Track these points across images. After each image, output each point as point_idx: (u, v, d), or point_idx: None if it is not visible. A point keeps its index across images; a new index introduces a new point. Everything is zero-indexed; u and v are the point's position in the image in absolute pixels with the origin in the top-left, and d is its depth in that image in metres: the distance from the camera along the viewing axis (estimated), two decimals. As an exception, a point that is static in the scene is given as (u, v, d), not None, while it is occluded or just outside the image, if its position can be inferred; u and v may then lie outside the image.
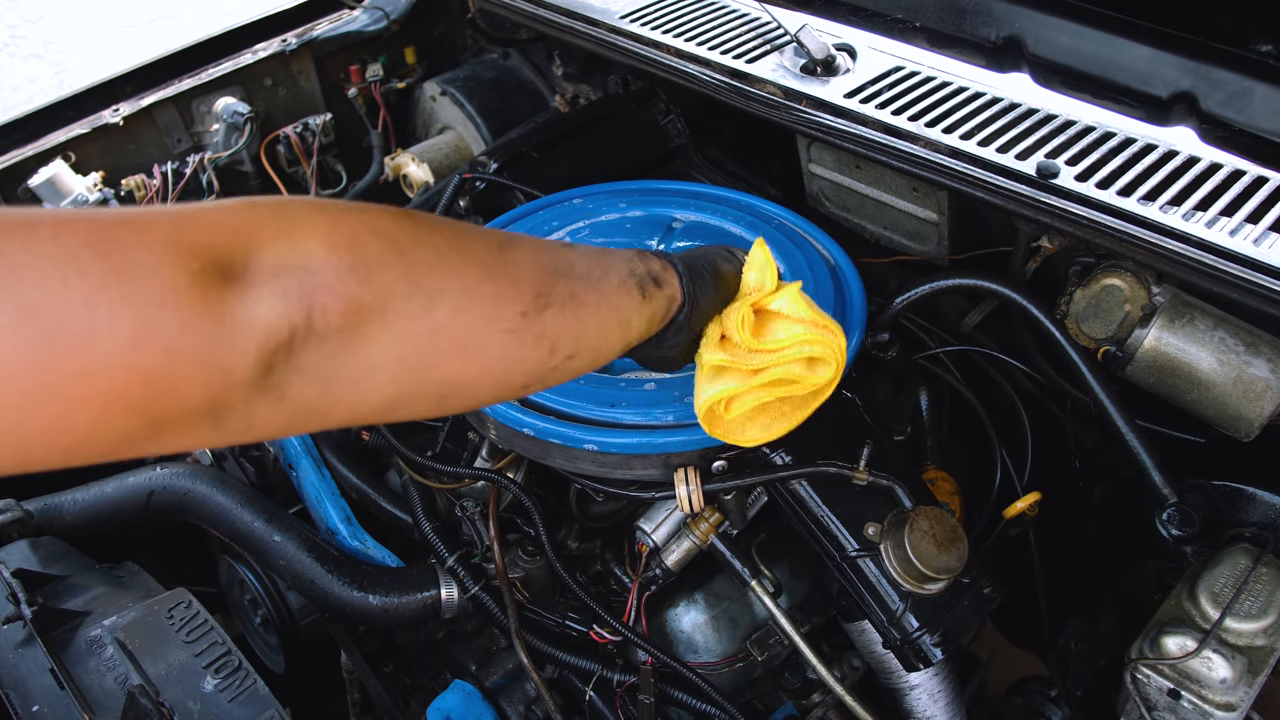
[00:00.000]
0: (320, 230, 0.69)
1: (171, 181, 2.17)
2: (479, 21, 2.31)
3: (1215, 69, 1.33)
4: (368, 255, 0.70)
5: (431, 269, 0.75)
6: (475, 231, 0.83)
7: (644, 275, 0.96)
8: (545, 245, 0.89)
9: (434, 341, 0.76)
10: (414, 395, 0.78)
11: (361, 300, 0.69)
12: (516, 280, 0.82)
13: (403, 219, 0.76)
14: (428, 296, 0.74)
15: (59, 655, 1.25)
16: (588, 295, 0.89)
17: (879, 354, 1.45)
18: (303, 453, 1.62)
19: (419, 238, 0.76)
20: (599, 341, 0.91)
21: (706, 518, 1.28)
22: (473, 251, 0.80)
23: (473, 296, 0.78)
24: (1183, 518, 1.30)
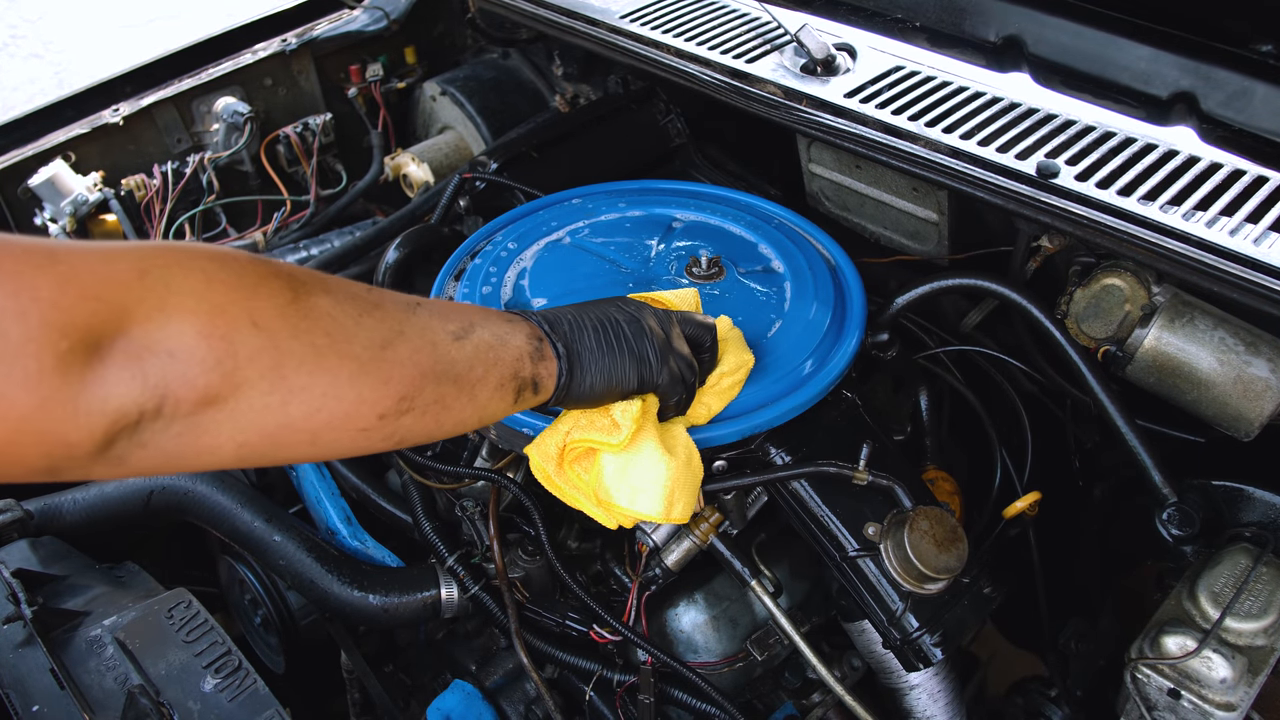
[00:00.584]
0: (200, 313, 0.69)
1: (171, 181, 2.17)
2: (479, 21, 2.31)
3: (1215, 69, 1.33)
4: (239, 349, 0.71)
5: (301, 365, 0.76)
6: (367, 322, 0.82)
7: (526, 381, 0.97)
8: (436, 341, 0.89)
9: (282, 434, 0.77)
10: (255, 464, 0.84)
11: (218, 394, 0.71)
12: (387, 383, 0.83)
13: (290, 309, 0.76)
14: (287, 393, 0.75)
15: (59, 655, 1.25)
16: (457, 401, 0.90)
17: (879, 354, 1.45)
18: (303, 453, 1.62)
19: (300, 330, 0.76)
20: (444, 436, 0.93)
21: (706, 518, 1.28)
22: (352, 349, 0.80)
23: (336, 398, 0.79)
24: (1183, 518, 1.30)
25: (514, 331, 0.97)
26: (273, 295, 0.75)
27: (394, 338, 0.84)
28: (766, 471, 1.23)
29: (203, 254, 0.73)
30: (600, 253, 1.49)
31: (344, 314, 0.80)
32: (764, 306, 1.38)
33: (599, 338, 1.03)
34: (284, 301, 0.75)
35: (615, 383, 1.03)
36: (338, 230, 2.20)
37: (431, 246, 1.70)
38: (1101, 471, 1.55)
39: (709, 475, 1.24)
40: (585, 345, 1.02)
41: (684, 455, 1.09)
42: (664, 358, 1.05)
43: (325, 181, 2.39)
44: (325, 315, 0.78)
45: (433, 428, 0.89)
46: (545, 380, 0.99)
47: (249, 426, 0.74)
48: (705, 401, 1.15)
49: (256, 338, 0.72)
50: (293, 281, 0.77)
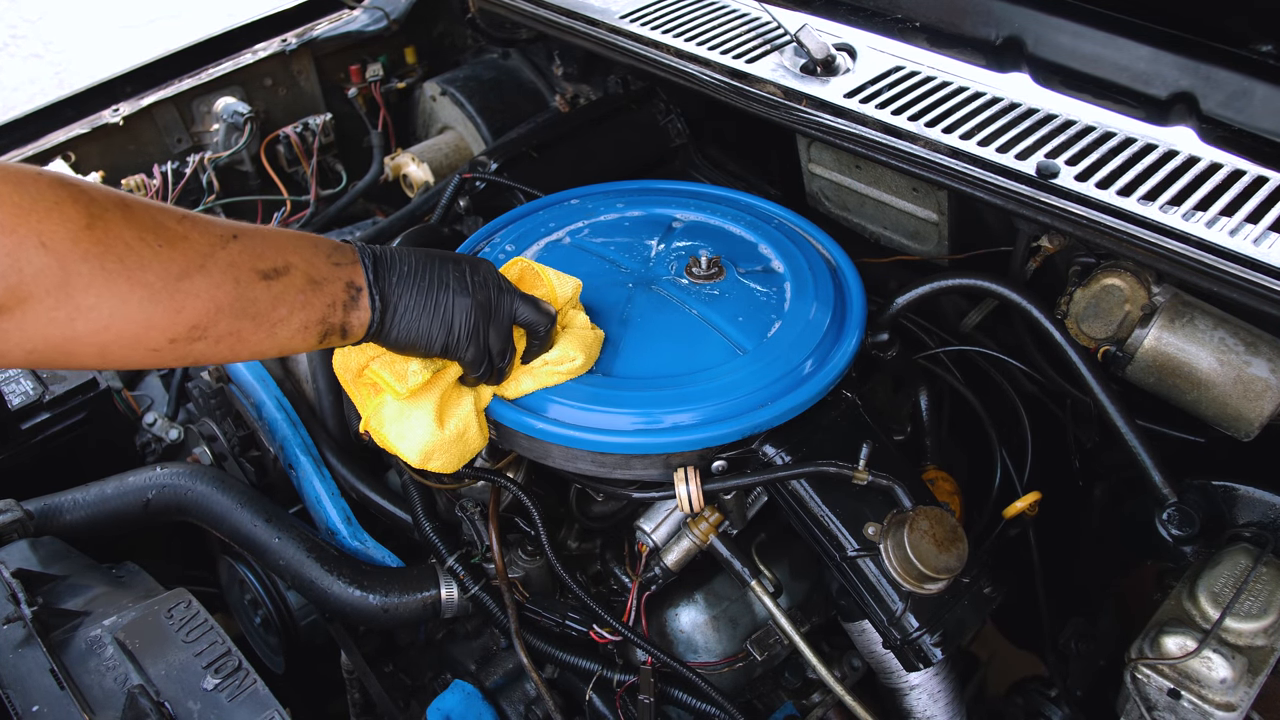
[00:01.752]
0: (4, 210, 0.75)
1: (171, 181, 2.17)
2: (479, 21, 2.31)
3: (1215, 69, 1.33)
4: (24, 266, 0.76)
5: (88, 287, 0.80)
6: (166, 253, 0.86)
7: (334, 326, 1.00)
8: (240, 278, 0.91)
9: (69, 345, 0.83)
10: (46, 368, 0.92)
11: (3, 304, 0.76)
12: (179, 312, 0.87)
13: (84, 234, 0.80)
14: (74, 311, 0.80)
15: (59, 655, 1.25)
16: (254, 335, 0.93)
17: (879, 354, 1.45)
18: (303, 452, 1.62)
19: (90, 255, 0.80)
20: (243, 359, 0.99)
21: (706, 517, 1.28)
22: (145, 276, 0.84)
23: (124, 319, 0.83)
24: (1183, 518, 1.30)
25: (334, 277, 0.99)
26: (65, 219, 0.79)
27: (193, 270, 0.87)
28: (766, 471, 1.23)
29: (12, 166, 0.79)
30: (600, 253, 1.49)
31: (142, 243, 0.84)
32: (764, 306, 1.38)
33: (422, 298, 1.05)
34: (77, 226, 0.79)
35: (419, 344, 1.07)
36: (338, 230, 2.20)
37: (431, 246, 1.70)
38: (1101, 471, 1.55)
39: (709, 475, 1.24)
40: (405, 303, 1.04)
41: (458, 427, 1.17)
42: (475, 335, 1.09)
43: (325, 181, 2.39)
44: (120, 242, 0.82)
45: (227, 354, 0.93)
46: (355, 328, 1.02)
47: (35, 336, 0.79)
48: (518, 379, 1.22)
49: (43, 257, 0.77)
50: (91, 206, 0.81)
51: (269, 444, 1.67)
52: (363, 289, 1.01)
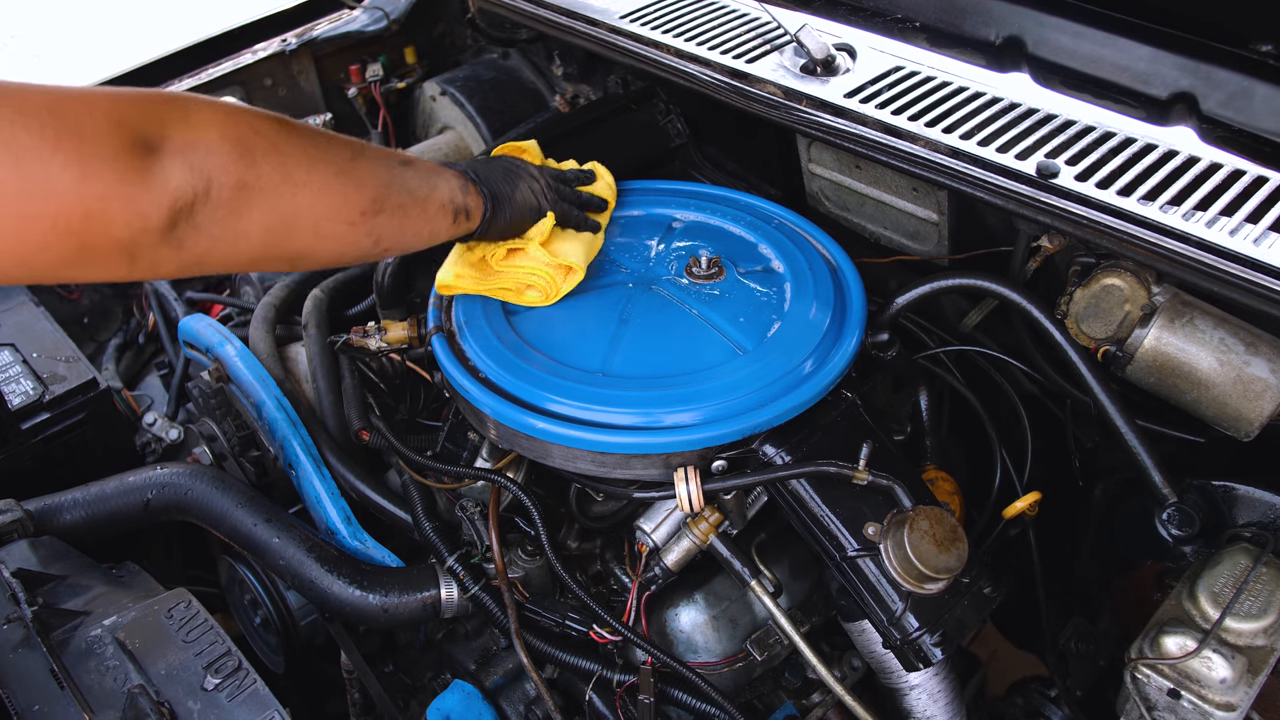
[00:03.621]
0: (216, 123, 0.91)
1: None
2: (479, 21, 2.31)
3: (1215, 69, 1.33)
4: (252, 147, 0.94)
5: (299, 164, 0.99)
6: (335, 140, 1.08)
7: (460, 207, 1.24)
8: (389, 161, 1.15)
9: (295, 220, 1.00)
10: (273, 258, 1.04)
11: (246, 180, 0.92)
12: (361, 185, 1.07)
13: (280, 124, 1.00)
14: (294, 186, 0.98)
15: (59, 655, 1.25)
16: (413, 209, 1.16)
17: (879, 354, 1.45)
18: (303, 452, 1.62)
19: (291, 139, 1.00)
20: (411, 244, 1.21)
21: (706, 517, 1.28)
22: (330, 156, 1.04)
23: (328, 191, 1.03)
24: (1183, 518, 1.30)
25: (444, 173, 1.24)
26: (264, 118, 0.99)
27: (357, 154, 1.09)
28: (766, 471, 1.23)
29: (202, 98, 0.96)
30: (600, 252, 1.49)
31: (317, 135, 1.05)
32: (764, 306, 1.38)
33: (508, 184, 1.33)
34: (273, 121, 0.99)
35: (527, 214, 1.36)
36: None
37: (431, 246, 1.70)
38: (1101, 471, 1.55)
39: (709, 475, 1.24)
40: (500, 188, 1.32)
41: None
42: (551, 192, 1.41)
43: (325, 181, 2.39)
44: (305, 132, 1.03)
45: (398, 231, 1.15)
46: (474, 210, 1.27)
47: (271, 210, 0.96)
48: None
49: (262, 141, 0.95)
50: (274, 116, 1.01)
51: (269, 444, 1.67)
52: (470, 181, 1.27)
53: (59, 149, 0.78)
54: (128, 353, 2.25)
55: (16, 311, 1.85)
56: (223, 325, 1.74)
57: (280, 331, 1.78)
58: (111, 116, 0.82)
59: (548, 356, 1.32)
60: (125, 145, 0.81)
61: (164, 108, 0.88)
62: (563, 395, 1.24)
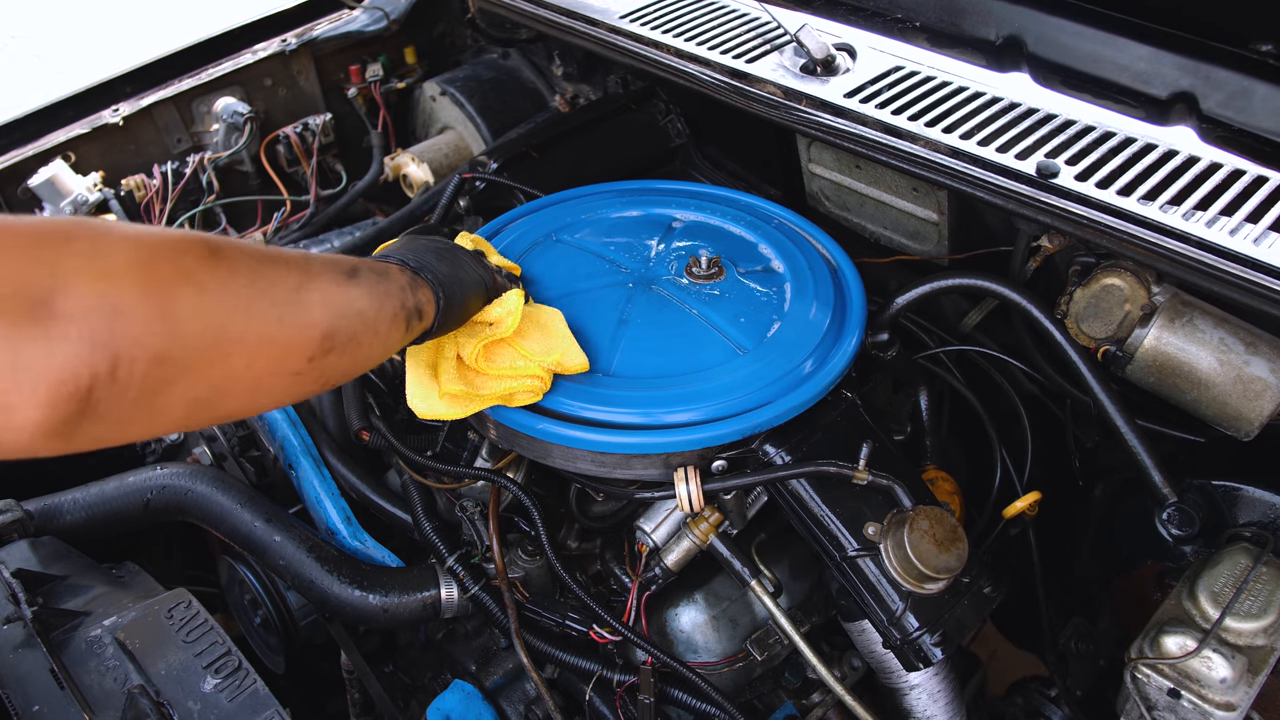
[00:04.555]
0: (136, 268, 0.69)
1: (171, 181, 2.17)
2: (479, 21, 2.31)
3: (1215, 69, 1.33)
4: (178, 305, 0.72)
5: (233, 315, 0.79)
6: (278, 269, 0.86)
7: (412, 310, 1.06)
8: (336, 281, 0.94)
9: (227, 385, 0.80)
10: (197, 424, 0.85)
11: (168, 353, 0.71)
12: (308, 325, 0.88)
13: (211, 262, 0.78)
14: (229, 345, 0.78)
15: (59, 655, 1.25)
16: (365, 337, 0.97)
17: (879, 354, 1.45)
18: (303, 452, 1.62)
19: (225, 280, 0.79)
20: (362, 371, 1.02)
21: (706, 517, 1.28)
22: (273, 294, 0.84)
23: (270, 343, 0.83)
24: (1183, 518, 1.30)
25: (388, 269, 1.05)
26: (194, 251, 0.77)
27: (305, 281, 0.89)
28: (766, 471, 1.23)
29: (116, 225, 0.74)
30: (600, 253, 1.49)
31: (256, 263, 0.84)
32: (764, 306, 1.38)
33: (447, 263, 1.15)
34: (205, 255, 0.78)
35: (474, 291, 1.18)
36: (338, 230, 2.20)
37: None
38: (1101, 471, 1.55)
39: (709, 475, 1.24)
40: (442, 271, 1.12)
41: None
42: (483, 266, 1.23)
43: (325, 181, 2.39)
44: (243, 265, 0.82)
45: (350, 365, 0.96)
46: (426, 307, 1.08)
47: (198, 382, 0.76)
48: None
49: (191, 293, 0.74)
50: (204, 239, 0.80)
51: (269, 444, 1.67)
52: (415, 272, 1.08)
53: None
54: (128, 353, 2.25)
55: (16, 311, 1.85)
56: (223, 325, 1.73)
57: (280, 331, 1.78)
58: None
59: (548, 356, 1.32)
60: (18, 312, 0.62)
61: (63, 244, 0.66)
62: (563, 395, 1.24)
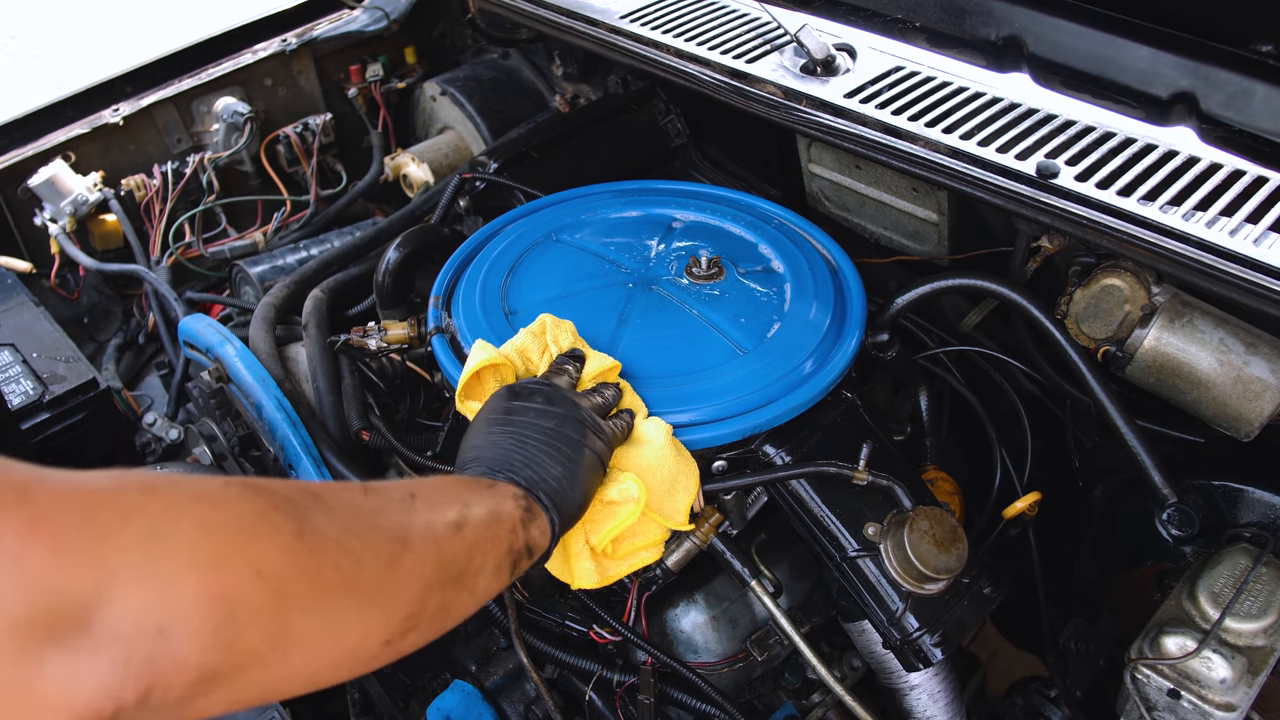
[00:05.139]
0: (200, 565, 0.57)
1: (171, 181, 2.17)
2: (479, 21, 2.31)
3: (1215, 69, 1.33)
4: (240, 611, 0.59)
5: (306, 612, 0.65)
6: (373, 538, 0.73)
7: (521, 551, 0.90)
8: (439, 540, 0.80)
9: (278, 687, 0.66)
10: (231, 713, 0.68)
11: (216, 669, 0.58)
12: (393, 607, 0.74)
13: (296, 545, 0.65)
14: (290, 647, 0.64)
15: (59, 655, 1.25)
16: (458, 600, 0.82)
17: (879, 354, 1.45)
18: (303, 452, 1.62)
19: (308, 570, 0.65)
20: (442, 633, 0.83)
21: (706, 518, 1.28)
22: (360, 577, 0.70)
23: (341, 638, 0.69)
24: (1183, 518, 1.30)
25: (502, 498, 0.90)
26: (276, 534, 0.64)
27: (400, 551, 0.74)
28: (766, 471, 1.23)
29: (191, 495, 0.61)
30: (600, 253, 1.49)
31: (349, 536, 0.70)
32: (764, 306, 1.38)
33: (563, 460, 0.99)
34: (288, 538, 0.65)
35: (593, 480, 1.03)
36: (338, 230, 2.20)
37: (431, 247, 1.70)
38: (1101, 471, 1.55)
39: (709, 475, 1.24)
40: (555, 480, 0.97)
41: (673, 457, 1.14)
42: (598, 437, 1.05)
43: (325, 181, 2.39)
44: (333, 544, 0.68)
45: (432, 636, 0.80)
46: (539, 539, 0.93)
47: (244, 692, 0.62)
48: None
49: (260, 592, 0.61)
50: (292, 509, 0.66)
51: (269, 444, 1.67)
52: (527, 494, 0.94)
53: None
54: (128, 353, 2.25)
55: (16, 311, 1.85)
56: (223, 325, 1.73)
57: (280, 331, 1.78)
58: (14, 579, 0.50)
59: (548, 356, 1.32)
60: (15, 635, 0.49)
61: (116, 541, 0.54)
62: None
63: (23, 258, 2.14)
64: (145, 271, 2.10)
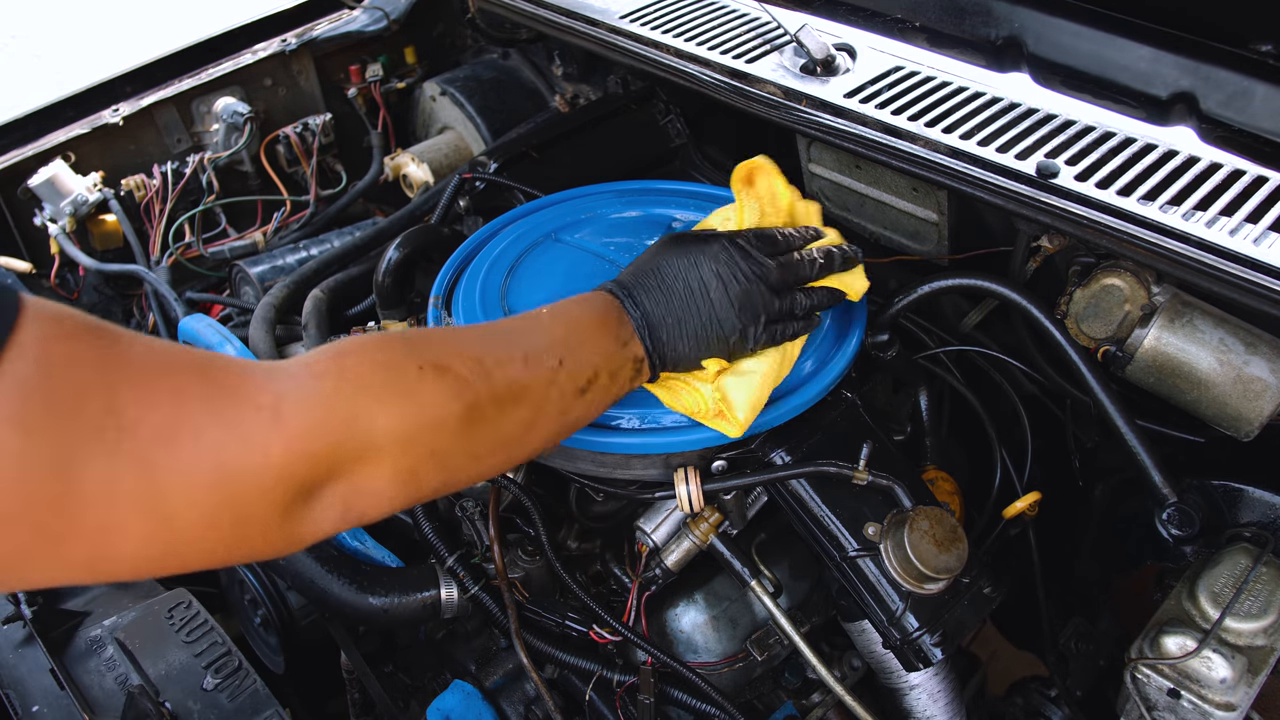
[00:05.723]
0: (393, 454, 0.79)
1: (171, 181, 2.17)
2: (479, 21, 2.31)
3: (1215, 69, 1.33)
4: (420, 480, 0.83)
5: (462, 469, 0.89)
6: (519, 413, 0.91)
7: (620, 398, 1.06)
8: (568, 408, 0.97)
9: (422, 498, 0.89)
10: None
11: (397, 504, 0.83)
12: (524, 456, 0.97)
13: (462, 430, 0.85)
14: (452, 488, 0.91)
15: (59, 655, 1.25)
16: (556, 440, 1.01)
17: (879, 354, 1.45)
18: (303, 453, 1.62)
19: (468, 447, 0.87)
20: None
21: (706, 518, 1.28)
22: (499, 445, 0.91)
23: (485, 476, 0.94)
24: (1183, 518, 1.30)
25: (623, 361, 1.03)
26: (448, 421, 0.84)
27: (535, 420, 0.94)
28: (766, 471, 1.23)
29: (395, 386, 0.81)
30: (600, 253, 1.49)
31: (501, 413, 0.89)
32: (764, 306, 1.38)
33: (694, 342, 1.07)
34: (457, 424, 0.85)
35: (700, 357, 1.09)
36: (338, 230, 2.20)
37: (431, 247, 1.70)
38: (1101, 471, 1.55)
39: (709, 475, 1.24)
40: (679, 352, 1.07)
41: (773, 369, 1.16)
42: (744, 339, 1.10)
43: (325, 182, 2.39)
44: (490, 424, 0.88)
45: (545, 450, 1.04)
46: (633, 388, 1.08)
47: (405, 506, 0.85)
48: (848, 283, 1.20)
49: (434, 468, 0.84)
50: (463, 390, 0.85)
51: (269, 444, 1.67)
52: (644, 359, 1.06)
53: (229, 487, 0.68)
54: (128, 353, 2.25)
55: (16, 311, 1.85)
56: (223, 325, 1.74)
57: (280, 331, 1.78)
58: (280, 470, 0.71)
59: (548, 356, 1.32)
60: (284, 507, 0.73)
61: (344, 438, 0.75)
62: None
63: (23, 258, 2.14)
64: (145, 271, 2.10)
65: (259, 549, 0.75)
